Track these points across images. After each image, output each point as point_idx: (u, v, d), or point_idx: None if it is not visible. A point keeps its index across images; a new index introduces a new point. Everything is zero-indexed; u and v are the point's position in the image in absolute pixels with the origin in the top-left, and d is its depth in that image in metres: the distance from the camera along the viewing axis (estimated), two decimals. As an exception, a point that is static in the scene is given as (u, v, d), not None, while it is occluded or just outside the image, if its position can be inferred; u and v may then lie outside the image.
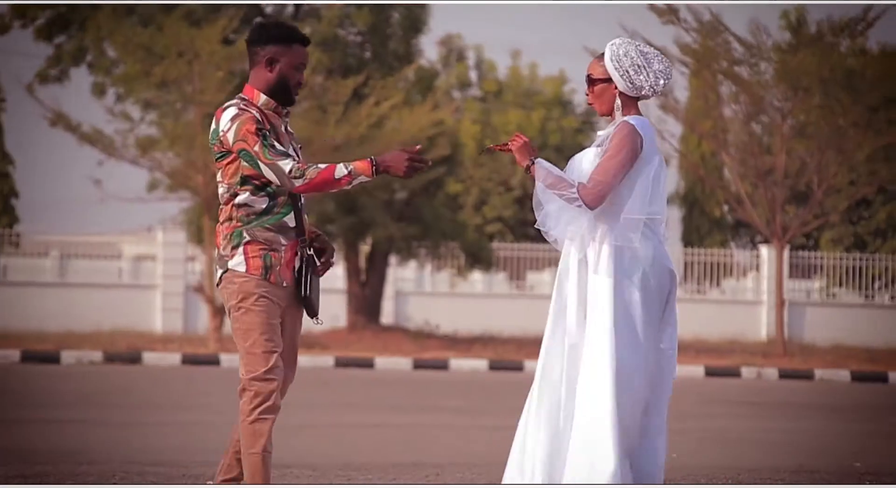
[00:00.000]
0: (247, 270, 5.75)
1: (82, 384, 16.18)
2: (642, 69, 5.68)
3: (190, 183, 22.15)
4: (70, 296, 24.96)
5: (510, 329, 25.65)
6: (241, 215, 5.79)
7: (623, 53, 5.69)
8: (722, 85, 23.25)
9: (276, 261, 5.75)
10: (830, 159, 23.30)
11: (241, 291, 5.75)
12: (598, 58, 5.78)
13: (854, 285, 29.02)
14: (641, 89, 5.68)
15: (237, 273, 5.76)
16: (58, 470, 7.93)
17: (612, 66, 5.69)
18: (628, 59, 5.68)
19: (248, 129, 5.71)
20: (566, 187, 5.58)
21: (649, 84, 5.69)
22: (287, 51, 5.78)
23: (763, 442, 11.60)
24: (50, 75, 25.09)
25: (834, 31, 23.27)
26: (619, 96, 5.70)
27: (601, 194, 5.56)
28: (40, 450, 9.46)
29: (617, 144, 5.59)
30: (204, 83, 21.69)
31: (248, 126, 5.72)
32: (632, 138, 5.60)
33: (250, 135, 5.71)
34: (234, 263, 5.77)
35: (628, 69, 5.68)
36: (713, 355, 22.59)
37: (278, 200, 5.76)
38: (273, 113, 5.82)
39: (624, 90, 5.69)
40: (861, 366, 21.80)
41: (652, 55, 5.71)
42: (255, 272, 5.74)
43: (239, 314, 5.73)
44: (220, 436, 10.99)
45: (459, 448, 10.57)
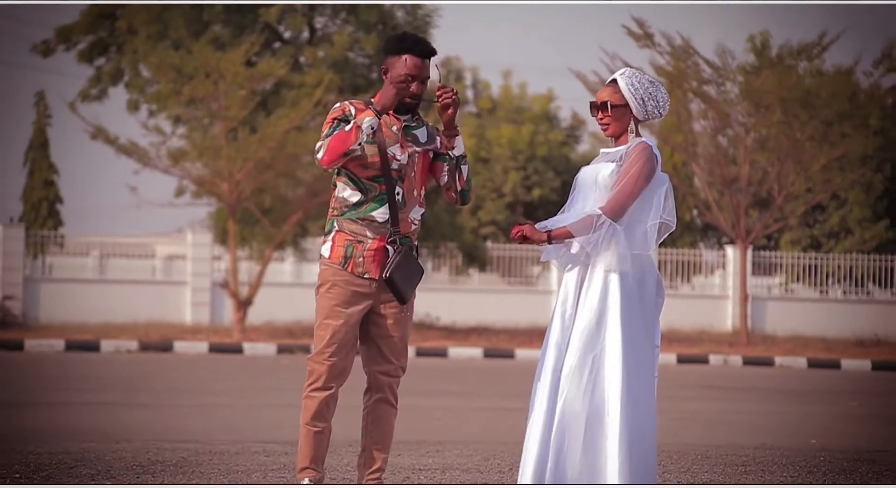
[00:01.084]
0: (329, 257, 5.64)
1: (119, 370, 16.16)
2: (652, 97, 5.67)
3: (216, 190, 22.14)
4: (109, 292, 24.94)
5: (502, 321, 25.64)
6: (337, 206, 5.67)
7: (637, 82, 5.67)
8: (692, 102, 23.23)
9: (359, 253, 5.58)
10: (789, 169, 23.29)
11: (322, 276, 5.67)
12: (611, 85, 5.69)
13: (810, 282, 29.01)
14: (651, 115, 5.67)
15: (323, 258, 5.67)
16: (98, 448, 7.92)
17: (629, 93, 5.63)
18: (642, 88, 5.66)
19: (329, 118, 5.63)
20: (589, 223, 5.44)
21: (658, 111, 5.68)
22: (395, 62, 5.62)
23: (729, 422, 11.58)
24: (91, 94, 25.08)
25: (793, 55, 23.26)
26: (633, 120, 5.67)
27: (623, 207, 5.45)
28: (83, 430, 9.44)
29: (637, 162, 5.49)
30: (228, 101, 21.69)
31: (330, 115, 5.63)
32: (651, 158, 5.53)
33: (327, 122, 5.63)
34: (324, 249, 5.68)
35: (643, 96, 5.65)
36: (684, 344, 22.58)
37: (369, 195, 5.60)
38: (393, 116, 5.66)
39: (637, 115, 5.66)
40: (816, 354, 21.78)
41: (657, 85, 5.72)
42: (336, 261, 5.62)
43: (317, 297, 5.67)
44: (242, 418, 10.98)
45: (457, 427, 10.55)
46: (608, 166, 5.57)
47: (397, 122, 5.66)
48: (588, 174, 5.63)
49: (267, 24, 24.21)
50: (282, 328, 23.11)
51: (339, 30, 24.73)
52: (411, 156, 5.65)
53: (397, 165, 5.63)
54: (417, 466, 7.46)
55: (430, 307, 25.74)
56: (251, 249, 24.84)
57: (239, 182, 21.59)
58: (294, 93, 22.93)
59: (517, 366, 19.13)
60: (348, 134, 5.51)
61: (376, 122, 5.54)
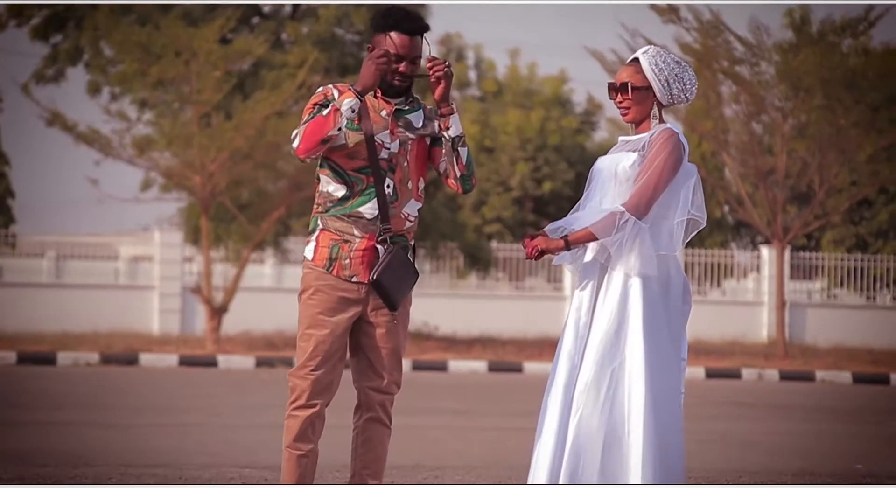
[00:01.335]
0: (313, 259, 5.65)
1: (79, 386, 16.18)
2: (678, 79, 5.67)
3: (187, 183, 22.15)
4: (66, 297, 24.96)
5: (509, 330, 25.65)
6: (321, 201, 5.67)
7: (662, 63, 5.66)
8: (722, 84, 23.25)
9: (345, 254, 5.59)
10: (832, 159, 23.31)
11: (304, 281, 5.67)
12: (632, 64, 5.68)
13: (855, 286, 29.03)
14: (676, 99, 5.67)
15: (307, 261, 5.68)
16: (55, 473, 7.94)
17: (653, 74, 5.64)
18: (668, 69, 5.66)
19: (309, 103, 5.64)
20: (612, 222, 5.43)
21: (684, 94, 5.68)
22: (381, 40, 5.64)
23: (764, 444, 11.60)
24: (46, 75, 25.11)
25: (836, 31, 23.28)
26: (656, 104, 5.67)
27: (649, 202, 5.46)
28: (37, 452, 9.46)
29: (662, 151, 5.50)
30: (201, 83, 21.69)
31: (311, 100, 5.64)
32: (677, 146, 5.53)
33: (307, 108, 5.64)
34: (307, 251, 5.69)
35: (668, 78, 5.66)
36: (714, 357, 22.60)
37: (355, 189, 5.60)
38: (382, 100, 5.66)
39: (661, 98, 5.66)
40: (863, 368, 21.80)
41: (684, 65, 5.72)
42: (320, 263, 5.63)
43: (300, 304, 5.68)
44: (217, 438, 11.00)
45: (459, 450, 10.57)
46: (629, 156, 5.57)
47: (387, 106, 5.66)
48: (606, 165, 5.63)
49: (244, -3, 24.23)
50: (261, 338, 23.14)
51: (325, 3, 24.75)
52: (403, 143, 5.64)
53: (387, 154, 5.62)
54: (414, 494, 7.48)
55: (428, 315, 25.74)
56: (226, 250, 24.87)
57: (213, 174, 21.62)
58: (275, 74, 22.95)
59: (525, 381, 19.15)
60: (326, 118, 5.51)
61: (357, 105, 5.53)
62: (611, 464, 5.37)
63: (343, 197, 5.61)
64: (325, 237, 5.64)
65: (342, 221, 5.61)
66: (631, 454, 5.37)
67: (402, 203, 5.65)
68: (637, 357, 5.42)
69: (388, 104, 5.66)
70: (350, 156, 5.60)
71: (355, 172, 5.60)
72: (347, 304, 5.61)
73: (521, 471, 8.46)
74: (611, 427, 5.39)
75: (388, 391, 5.71)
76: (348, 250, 5.60)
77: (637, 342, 5.43)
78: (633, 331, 5.44)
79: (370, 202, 5.58)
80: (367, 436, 5.74)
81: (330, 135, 5.51)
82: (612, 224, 5.45)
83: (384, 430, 5.77)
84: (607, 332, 5.46)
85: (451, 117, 5.67)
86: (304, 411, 5.62)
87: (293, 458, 5.64)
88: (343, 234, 5.61)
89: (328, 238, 5.64)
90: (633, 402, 5.40)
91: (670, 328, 5.50)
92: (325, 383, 5.62)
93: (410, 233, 5.71)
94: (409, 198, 5.68)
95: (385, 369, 5.68)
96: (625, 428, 5.38)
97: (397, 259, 5.60)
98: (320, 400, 5.63)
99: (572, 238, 5.48)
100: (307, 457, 5.65)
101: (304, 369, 5.61)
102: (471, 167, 5.70)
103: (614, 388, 5.42)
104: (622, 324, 5.46)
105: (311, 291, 5.63)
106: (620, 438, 5.37)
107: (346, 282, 5.60)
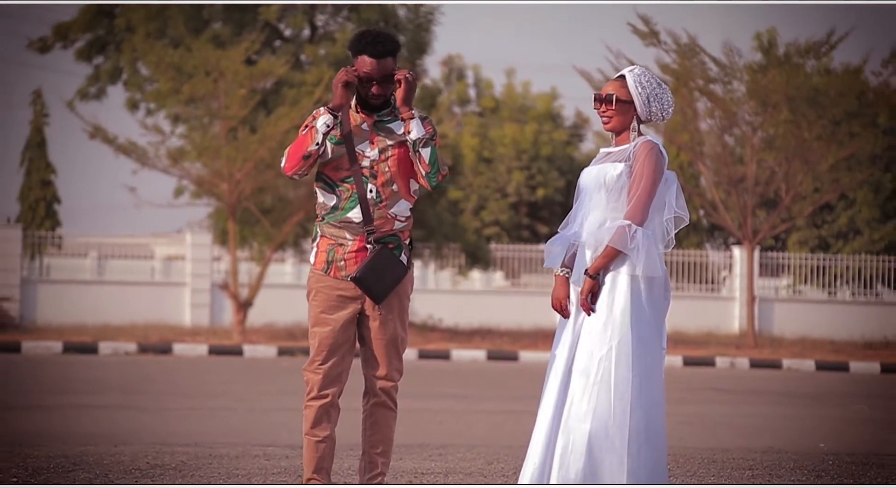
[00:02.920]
0: (314, 264, 5.66)
1: (118, 373, 16.17)
2: (657, 99, 5.64)
3: (216, 190, 22.16)
4: (107, 293, 24.95)
5: (506, 323, 25.62)
6: (318, 211, 5.68)
7: (645, 81, 5.62)
8: (698, 101, 23.22)
9: (340, 257, 5.59)
10: (797, 169, 23.28)
11: (308, 284, 5.70)
12: (619, 80, 5.64)
13: (818, 283, 28.99)
14: (654, 116, 5.63)
15: (311, 265, 5.70)
16: (96, 451, 7.92)
17: (636, 91, 5.60)
18: (649, 87, 5.62)
19: (302, 125, 5.63)
20: (624, 236, 5.42)
21: (661, 114, 5.64)
22: (356, 62, 5.59)
23: (736, 425, 11.58)
24: (89, 92, 25.11)
25: (800, 53, 23.25)
26: (636, 118, 5.64)
27: (646, 211, 5.46)
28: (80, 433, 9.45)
29: (648, 162, 5.48)
30: (228, 100, 21.70)
31: (306, 121, 5.63)
32: (659, 157, 5.52)
33: (300, 130, 5.64)
34: (311, 256, 5.71)
35: (648, 96, 5.62)
36: (690, 346, 22.57)
37: (342, 196, 5.59)
38: (363, 114, 5.63)
39: (640, 114, 5.63)
40: (825, 357, 21.76)
41: (664, 87, 5.69)
42: (319, 267, 5.64)
43: (308, 306, 5.71)
44: (242, 421, 10.98)
45: (460, 430, 10.55)
46: (615, 166, 5.54)
47: (368, 119, 5.63)
48: (593, 176, 5.59)
49: (267, 22, 24.23)
50: (282, 330, 23.12)
51: (341, 27, 24.74)
52: (383, 150, 5.60)
53: (368, 162, 5.60)
54: (420, 470, 7.46)
55: (433, 308, 25.74)
56: (251, 250, 24.85)
57: (239, 182, 21.60)
58: (295, 91, 22.94)
59: (521, 368, 19.12)
60: (304, 137, 5.54)
61: (331, 120, 5.52)
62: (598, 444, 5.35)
63: (334, 205, 5.62)
64: (324, 243, 5.66)
65: (335, 227, 5.62)
66: (617, 434, 5.35)
67: (390, 204, 5.61)
68: (624, 345, 5.41)
69: (368, 117, 5.64)
70: (336, 169, 5.61)
71: (342, 182, 5.60)
72: (346, 302, 5.61)
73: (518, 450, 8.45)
74: (599, 410, 5.37)
75: (389, 378, 5.70)
76: (343, 253, 5.61)
77: (625, 332, 5.42)
78: (622, 322, 5.43)
79: (356, 207, 5.58)
80: (374, 419, 5.72)
81: (309, 150, 5.53)
82: (625, 236, 5.44)
83: (389, 413, 5.74)
84: (597, 324, 5.45)
85: (412, 121, 5.59)
86: (318, 401, 5.63)
87: (311, 444, 5.65)
88: (337, 239, 5.62)
89: (326, 243, 5.65)
90: (620, 386, 5.38)
91: (655, 319, 5.50)
92: (333, 375, 5.63)
93: (404, 231, 5.67)
94: (398, 199, 5.63)
95: (384, 359, 5.66)
96: (610, 411, 5.36)
97: (380, 257, 5.57)
98: (331, 390, 5.63)
99: (594, 268, 5.45)
100: (324, 443, 5.65)
101: (313, 364, 5.64)
102: (435, 165, 5.61)
103: (602, 374, 5.41)
104: (611, 316, 5.45)
105: (313, 293, 5.66)
106: (606, 420, 5.35)
107: (343, 281, 5.61)
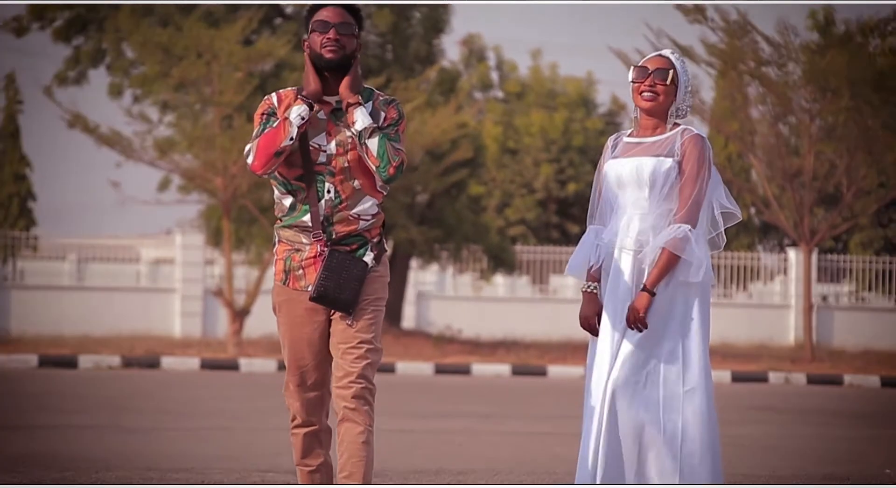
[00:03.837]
0: (274, 275, 5.60)
1: (100, 389, 16.22)
2: (690, 93, 5.66)
3: (208, 185, 22.20)
4: (88, 300, 25.03)
5: (533, 334, 25.62)
6: (276, 213, 5.58)
7: (686, 72, 5.64)
8: (749, 85, 23.19)
9: (297, 264, 5.49)
10: (860, 161, 23.22)
11: (272, 299, 5.64)
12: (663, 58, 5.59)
13: (884, 289, 28.92)
14: (681, 111, 5.63)
15: None
16: (76, 477, 7.95)
17: (683, 78, 5.60)
18: (688, 79, 5.64)
19: (256, 114, 5.53)
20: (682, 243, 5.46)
21: (687, 109, 5.65)
22: (310, 23, 5.46)
23: (791, 448, 11.57)
24: (68, 77, 25.18)
25: (863, 31, 23.19)
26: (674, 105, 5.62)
27: (698, 213, 5.50)
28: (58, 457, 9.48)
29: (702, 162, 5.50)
30: (223, 84, 21.74)
31: (258, 111, 5.53)
32: (710, 154, 5.56)
33: (255, 121, 5.53)
34: (273, 265, 5.68)
35: (688, 86, 5.64)
36: (740, 360, 22.54)
37: (298, 197, 5.46)
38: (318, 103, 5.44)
39: (678, 102, 5.61)
40: (891, 372, 21.70)
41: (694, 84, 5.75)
42: (278, 277, 5.57)
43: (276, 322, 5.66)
44: (238, 443, 11.01)
45: (482, 454, 10.57)
46: (662, 161, 5.49)
47: (325, 107, 5.47)
48: (628, 170, 5.55)
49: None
50: (283, 341, 23.15)
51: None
52: (341, 143, 5.45)
53: (324, 157, 5.45)
54: (437, 498, 7.48)
55: (451, 318, 25.75)
56: (248, 252, 24.90)
57: (234, 176, 21.65)
58: (297, 75, 22.98)
59: (549, 384, 19.13)
60: (276, 130, 5.38)
61: (307, 112, 5.38)
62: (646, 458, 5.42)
63: (291, 206, 5.50)
64: (281, 248, 5.56)
65: (291, 230, 5.51)
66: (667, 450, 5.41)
67: (351, 205, 5.47)
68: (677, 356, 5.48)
69: (326, 104, 5.49)
70: (289, 165, 5.46)
71: (297, 181, 5.46)
72: (312, 314, 5.51)
73: (545, 477, 8.46)
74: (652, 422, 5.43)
75: (345, 385, 5.42)
76: (299, 260, 5.50)
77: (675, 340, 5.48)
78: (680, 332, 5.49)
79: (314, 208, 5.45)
80: (340, 439, 5.51)
81: (283, 146, 5.37)
82: (684, 243, 5.47)
83: (354, 427, 5.44)
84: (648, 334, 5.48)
85: (357, 110, 5.42)
86: (304, 429, 5.61)
87: (304, 475, 5.64)
88: (294, 244, 5.51)
89: (283, 249, 5.55)
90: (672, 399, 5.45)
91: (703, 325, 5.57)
92: (315, 402, 5.59)
93: (371, 230, 5.51)
94: (360, 197, 5.48)
95: (345, 364, 5.43)
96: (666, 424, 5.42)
97: (331, 263, 5.42)
98: (316, 417, 5.60)
99: (651, 281, 5.47)
100: (318, 472, 5.63)
101: (290, 387, 5.61)
102: (384, 157, 5.39)
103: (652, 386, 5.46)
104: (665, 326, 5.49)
105: (277, 308, 5.59)
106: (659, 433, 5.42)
107: (304, 292, 5.50)
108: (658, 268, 5.46)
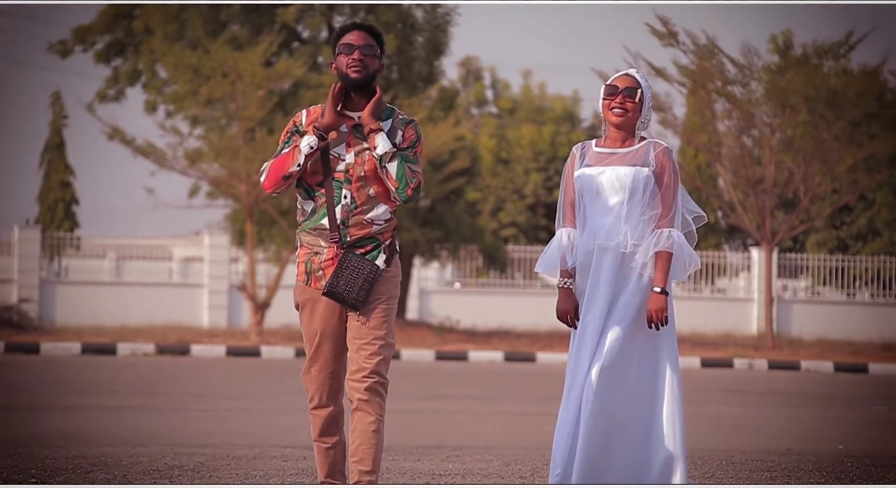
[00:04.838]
0: (297, 276, 5.58)
1: (136, 374, 16.21)
2: (651, 109, 5.66)
3: (233, 191, 22.22)
4: (125, 294, 25.01)
5: (523, 324, 25.60)
6: (298, 218, 5.56)
7: (649, 89, 5.62)
8: (716, 102, 23.17)
9: (317, 266, 5.47)
10: (815, 170, 23.20)
11: (294, 297, 5.62)
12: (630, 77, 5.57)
13: (837, 284, 28.89)
14: (643, 122, 5.61)
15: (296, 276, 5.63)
16: (115, 452, 7.94)
17: (647, 95, 5.59)
18: (650, 95, 5.64)
19: (283, 131, 5.51)
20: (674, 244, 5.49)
21: (648, 121, 5.63)
22: (337, 46, 5.43)
23: (754, 427, 11.55)
24: (108, 94, 25.19)
25: (819, 54, 23.18)
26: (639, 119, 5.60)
27: (678, 216, 5.53)
28: (99, 434, 9.47)
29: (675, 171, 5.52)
30: (246, 101, 21.74)
31: (286, 127, 5.52)
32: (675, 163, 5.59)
33: (281, 136, 5.53)
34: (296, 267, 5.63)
35: (650, 102, 5.64)
36: (708, 348, 22.51)
37: (318, 202, 5.45)
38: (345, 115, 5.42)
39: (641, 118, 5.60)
40: (843, 358, 21.69)
41: None
42: (300, 278, 5.56)
43: (299, 317, 5.65)
44: (260, 422, 11.00)
45: (477, 431, 10.55)
46: (640, 171, 5.47)
47: (347, 121, 5.46)
48: (607, 178, 5.52)
49: (285, 24, 24.26)
50: (299, 331, 23.09)
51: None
52: (359, 153, 5.41)
53: (343, 166, 5.43)
54: (437, 471, 7.45)
55: (450, 310, 25.74)
56: (268, 251, 24.89)
57: (256, 183, 21.62)
58: (312, 93, 22.97)
59: (538, 369, 19.10)
60: (287, 156, 5.39)
61: (316, 142, 5.36)
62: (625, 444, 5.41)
63: (311, 211, 5.49)
64: (303, 252, 5.54)
65: (311, 235, 5.50)
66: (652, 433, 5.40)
67: (366, 210, 5.43)
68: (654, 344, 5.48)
69: (349, 119, 5.46)
70: (313, 173, 5.45)
71: (318, 187, 5.45)
72: (332, 308, 5.49)
73: (535, 451, 8.44)
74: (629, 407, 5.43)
75: (360, 379, 5.39)
76: (319, 262, 5.48)
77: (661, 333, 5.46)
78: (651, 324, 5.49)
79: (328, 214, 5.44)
80: (353, 426, 5.49)
81: (290, 172, 5.39)
82: (679, 244, 5.52)
83: (366, 417, 5.41)
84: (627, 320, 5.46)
85: (377, 136, 5.40)
86: (322, 411, 5.56)
87: (322, 450, 5.60)
88: (313, 247, 5.49)
89: (304, 253, 5.53)
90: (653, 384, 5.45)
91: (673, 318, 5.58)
92: (334, 387, 5.55)
93: (384, 234, 5.48)
94: (375, 204, 5.44)
95: (360, 359, 5.42)
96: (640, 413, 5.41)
97: (345, 263, 5.40)
98: (333, 400, 5.56)
99: (663, 282, 5.47)
100: (334, 448, 5.59)
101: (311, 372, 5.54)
102: (402, 179, 5.39)
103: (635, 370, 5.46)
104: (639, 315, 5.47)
105: (300, 306, 5.58)
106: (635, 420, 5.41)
107: None
108: (661, 270, 5.45)
